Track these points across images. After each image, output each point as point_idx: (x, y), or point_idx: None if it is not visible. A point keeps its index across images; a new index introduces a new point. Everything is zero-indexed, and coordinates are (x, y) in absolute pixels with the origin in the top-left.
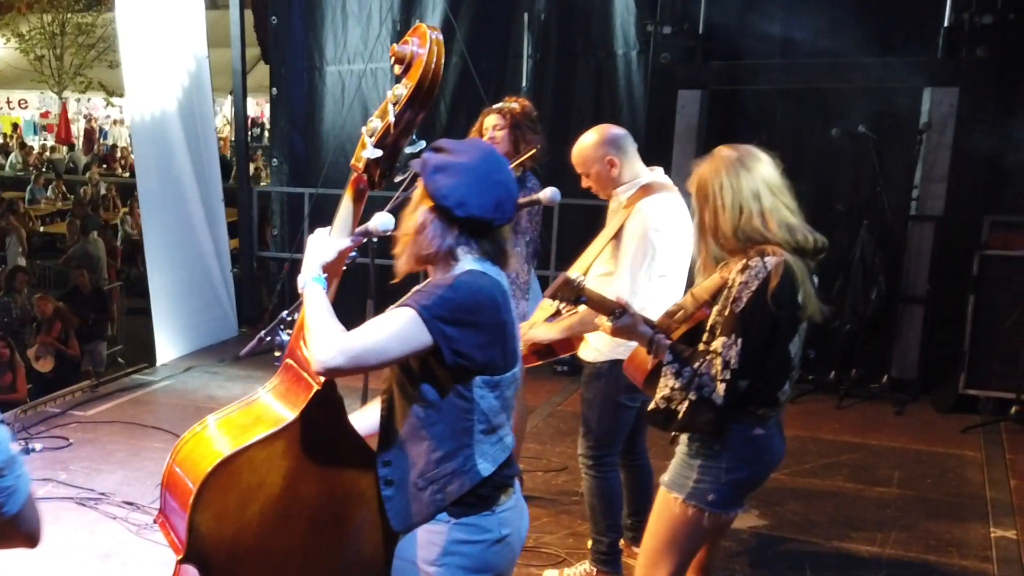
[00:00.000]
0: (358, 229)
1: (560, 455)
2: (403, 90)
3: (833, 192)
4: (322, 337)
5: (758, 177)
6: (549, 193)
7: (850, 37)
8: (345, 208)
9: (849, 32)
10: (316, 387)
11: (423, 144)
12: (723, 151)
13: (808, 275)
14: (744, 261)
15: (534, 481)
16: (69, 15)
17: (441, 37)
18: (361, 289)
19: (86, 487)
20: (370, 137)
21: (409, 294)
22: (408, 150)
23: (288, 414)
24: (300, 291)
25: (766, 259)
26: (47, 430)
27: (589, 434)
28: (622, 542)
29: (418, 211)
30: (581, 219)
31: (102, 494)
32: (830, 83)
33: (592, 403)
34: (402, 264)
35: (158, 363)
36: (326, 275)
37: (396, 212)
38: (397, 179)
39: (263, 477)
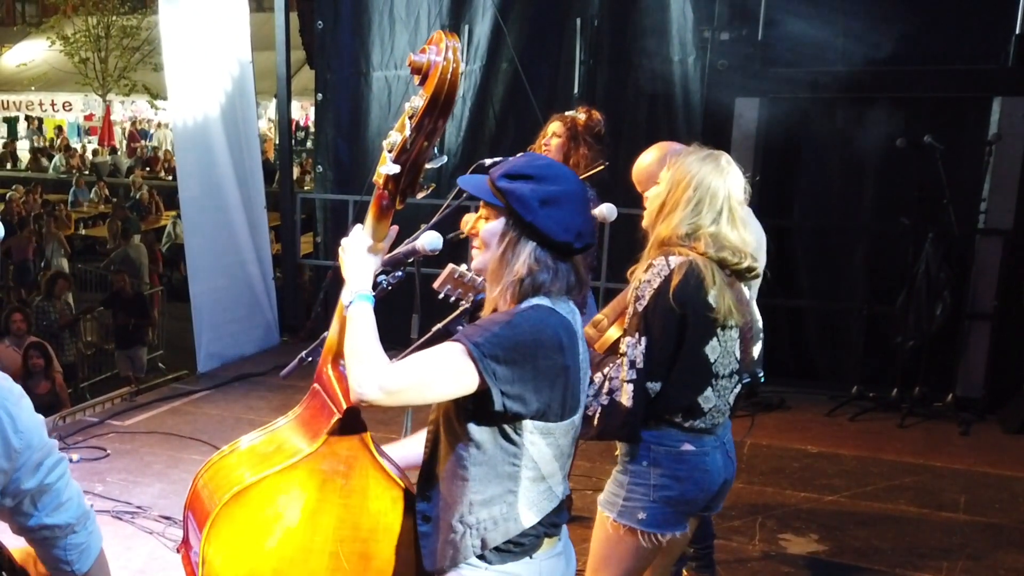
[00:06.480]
0: (404, 248)
1: (610, 473)
2: (419, 101)
3: (897, 204)
4: (363, 367)
5: (724, 200)
6: (606, 210)
7: (916, 44)
8: (369, 226)
9: (915, 39)
10: (338, 415)
11: (444, 159)
12: (699, 153)
13: (725, 280)
14: (649, 260)
15: (584, 501)
16: (114, 18)
17: (459, 44)
18: (406, 303)
19: (122, 500)
20: (389, 152)
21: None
22: (429, 165)
23: (307, 444)
24: (345, 306)
25: (670, 258)
26: (84, 440)
27: None
28: (685, 571)
29: (526, 248)
30: (632, 230)
31: (139, 507)
32: (895, 92)
33: None
34: (491, 303)
35: (199, 371)
36: (374, 293)
37: (441, 229)
38: (420, 196)
39: (280, 510)
